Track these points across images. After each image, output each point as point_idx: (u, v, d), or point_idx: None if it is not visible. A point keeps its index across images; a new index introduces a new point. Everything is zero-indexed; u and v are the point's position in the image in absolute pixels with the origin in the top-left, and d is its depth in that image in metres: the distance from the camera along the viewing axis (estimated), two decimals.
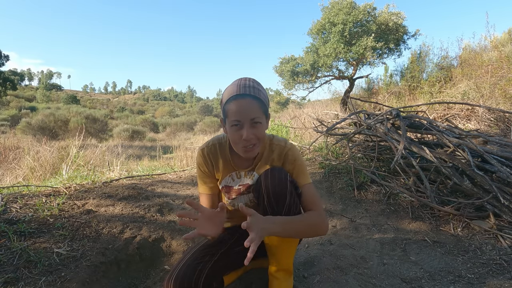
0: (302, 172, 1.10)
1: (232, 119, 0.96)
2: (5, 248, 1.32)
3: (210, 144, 1.15)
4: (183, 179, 2.94)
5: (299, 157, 1.12)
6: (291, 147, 1.12)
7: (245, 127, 0.96)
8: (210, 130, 18.41)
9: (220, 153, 1.14)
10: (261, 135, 1.00)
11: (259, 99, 0.97)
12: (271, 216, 0.98)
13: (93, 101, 57.11)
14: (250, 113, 0.95)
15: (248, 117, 0.95)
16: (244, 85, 0.97)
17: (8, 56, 14.20)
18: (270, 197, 1.00)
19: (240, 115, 0.95)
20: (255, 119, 0.96)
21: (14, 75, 35.37)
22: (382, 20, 8.31)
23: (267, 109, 1.02)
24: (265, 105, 1.00)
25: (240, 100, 0.95)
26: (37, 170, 3.47)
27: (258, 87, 0.99)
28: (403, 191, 2.18)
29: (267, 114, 1.03)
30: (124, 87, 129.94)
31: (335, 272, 1.44)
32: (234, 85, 0.99)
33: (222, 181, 1.17)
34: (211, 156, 1.14)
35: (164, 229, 1.75)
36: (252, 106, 0.96)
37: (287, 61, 9.70)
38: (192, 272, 1.01)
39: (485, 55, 6.37)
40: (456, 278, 1.38)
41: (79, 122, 13.64)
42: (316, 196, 1.10)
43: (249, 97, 0.95)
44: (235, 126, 0.97)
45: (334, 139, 3.46)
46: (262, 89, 1.02)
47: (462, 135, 2.35)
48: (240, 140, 0.98)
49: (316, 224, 1.05)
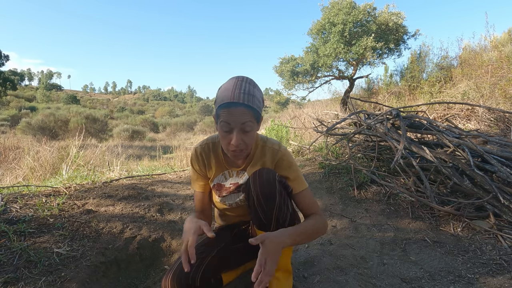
0: (298, 177, 1.12)
1: (223, 125, 0.97)
2: (5, 248, 1.32)
3: (204, 143, 1.18)
4: (183, 179, 2.94)
5: (293, 162, 1.13)
6: (285, 152, 1.13)
7: (234, 133, 0.97)
8: (210, 130, 18.41)
9: (213, 152, 1.17)
10: (249, 141, 1.01)
11: (252, 108, 0.97)
12: (283, 229, 1.00)
13: (93, 101, 57.12)
14: (241, 122, 0.96)
15: (239, 124, 0.96)
16: (239, 92, 0.95)
17: (8, 56, 14.22)
18: (259, 198, 1.01)
19: (231, 122, 0.96)
20: (245, 127, 0.97)
21: (14, 75, 35.37)
22: (382, 20, 8.31)
23: (260, 115, 1.02)
24: (258, 112, 0.99)
25: (232, 108, 0.95)
26: (37, 170, 3.47)
27: (252, 93, 0.98)
28: (403, 191, 2.18)
29: (259, 119, 1.03)
30: (124, 87, 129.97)
31: (335, 272, 1.44)
32: (229, 88, 0.97)
33: (215, 179, 1.19)
34: (204, 155, 1.17)
35: (164, 229, 1.75)
36: (243, 114, 0.95)
37: (287, 61, 9.70)
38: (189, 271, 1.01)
39: (485, 55, 6.36)
40: (456, 278, 1.38)
41: (79, 122, 13.65)
42: (314, 199, 1.15)
43: (241, 106, 0.95)
44: (225, 131, 0.99)
45: (334, 139, 3.46)
46: (257, 93, 1.00)
47: (462, 135, 2.35)
48: (229, 144, 0.99)
49: (320, 227, 1.11)
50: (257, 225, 1.07)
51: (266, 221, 1.04)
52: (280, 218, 1.03)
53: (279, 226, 1.04)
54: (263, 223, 1.04)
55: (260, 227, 1.07)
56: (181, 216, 1.96)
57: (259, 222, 1.05)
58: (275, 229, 1.04)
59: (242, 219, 1.29)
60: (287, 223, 1.06)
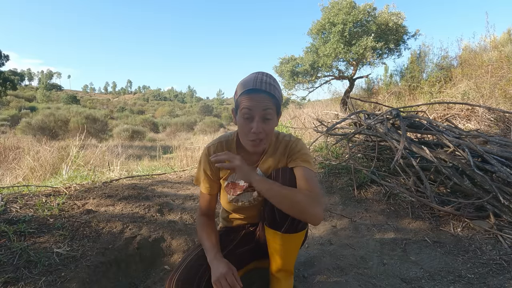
0: (303, 158, 1.06)
1: (244, 111, 0.97)
2: (5, 248, 1.32)
3: (217, 142, 1.16)
4: (183, 179, 2.94)
5: (304, 148, 1.10)
6: (296, 140, 1.13)
7: (255, 120, 0.97)
8: (210, 130, 18.39)
9: (227, 150, 1.14)
10: (270, 131, 1.01)
11: (274, 96, 0.98)
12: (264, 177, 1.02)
13: (93, 101, 57.11)
14: (262, 108, 0.96)
15: (260, 111, 0.97)
16: (261, 80, 0.97)
17: (8, 56, 14.21)
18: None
19: (253, 108, 0.96)
20: (266, 115, 0.97)
21: (14, 75, 35.36)
22: (382, 20, 8.31)
23: (280, 107, 1.03)
24: (278, 103, 1.01)
25: (254, 94, 0.96)
26: (37, 170, 3.47)
27: (274, 84, 1.00)
28: (403, 191, 2.18)
29: (279, 112, 1.03)
30: (124, 87, 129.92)
31: (335, 272, 1.44)
32: (251, 78, 0.99)
33: (229, 178, 1.16)
34: None
35: (164, 229, 1.75)
36: (265, 101, 0.97)
37: (287, 61, 9.70)
38: (194, 274, 1.00)
39: (485, 55, 6.37)
40: (456, 278, 1.38)
41: (79, 122, 13.64)
42: (312, 181, 1.01)
43: (263, 93, 0.96)
44: (245, 119, 0.98)
45: (334, 139, 3.46)
46: (278, 87, 1.02)
47: (462, 135, 2.35)
48: (249, 133, 0.99)
49: (303, 201, 0.94)
50: (269, 222, 1.06)
51: (279, 219, 1.03)
52: (295, 220, 1.02)
53: (291, 226, 1.03)
54: (276, 220, 1.03)
55: (272, 224, 1.06)
56: (181, 216, 1.96)
57: (272, 219, 1.04)
58: (288, 227, 1.03)
59: (249, 221, 1.26)
60: (301, 225, 1.05)
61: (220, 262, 1.00)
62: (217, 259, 1.01)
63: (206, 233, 1.11)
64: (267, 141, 1.04)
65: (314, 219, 0.96)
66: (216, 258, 1.02)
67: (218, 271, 0.97)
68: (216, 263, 1.00)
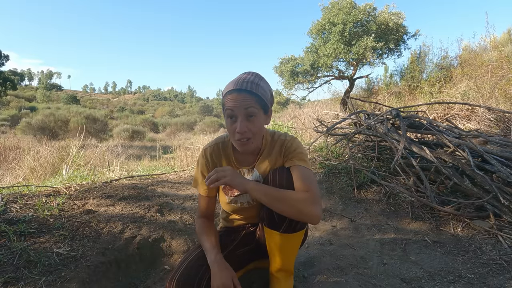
0: (299, 157, 1.06)
1: (228, 112, 0.98)
2: (5, 248, 1.32)
3: (213, 143, 1.16)
4: (183, 179, 2.94)
5: (299, 146, 1.10)
6: (292, 139, 1.12)
7: (239, 120, 0.97)
8: (210, 130, 18.37)
9: (223, 152, 1.15)
10: (255, 129, 1.00)
11: (255, 93, 0.97)
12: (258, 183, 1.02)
13: (93, 101, 57.11)
14: (244, 107, 0.96)
15: (242, 110, 0.96)
16: (243, 80, 0.98)
17: (8, 56, 14.21)
18: None
19: (234, 108, 0.97)
20: (249, 113, 0.97)
21: (14, 75, 35.33)
22: (382, 20, 8.31)
23: (266, 104, 1.01)
24: (263, 99, 0.99)
25: (236, 94, 0.96)
26: (37, 170, 3.47)
27: (258, 82, 0.99)
28: (403, 191, 2.18)
29: (265, 108, 1.02)
30: (124, 87, 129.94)
31: (335, 272, 1.44)
32: (234, 79, 1.00)
33: None
34: (214, 156, 1.15)
35: (164, 229, 1.75)
36: (246, 100, 0.96)
37: (287, 61, 9.70)
38: (194, 275, 1.00)
39: (485, 55, 6.37)
40: (456, 278, 1.38)
41: (79, 122, 13.64)
42: (309, 180, 1.00)
43: (244, 92, 0.96)
44: (230, 119, 0.99)
45: (334, 139, 3.46)
46: (264, 84, 1.01)
47: (462, 135, 2.35)
48: (235, 133, 0.99)
49: (299, 203, 0.94)
50: (268, 222, 1.06)
51: (278, 219, 1.03)
52: (293, 220, 1.01)
53: (290, 226, 1.03)
54: (275, 220, 1.03)
55: (270, 225, 1.05)
56: (181, 216, 1.96)
57: (271, 219, 1.04)
58: (286, 227, 1.03)
59: (249, 221, 1.26)
60: (299, 225, 1.04)
61: (221, 268, 1.00)
62: (217, 262, 1.01)
63: (206, 235, 1.11)
64: (256, 140, 1.03)
65: (313, 219, 0.97)
66: (217, 260, 1.02)
67: (219, 280, 0.97)
68: (216, 267, 1.00)
